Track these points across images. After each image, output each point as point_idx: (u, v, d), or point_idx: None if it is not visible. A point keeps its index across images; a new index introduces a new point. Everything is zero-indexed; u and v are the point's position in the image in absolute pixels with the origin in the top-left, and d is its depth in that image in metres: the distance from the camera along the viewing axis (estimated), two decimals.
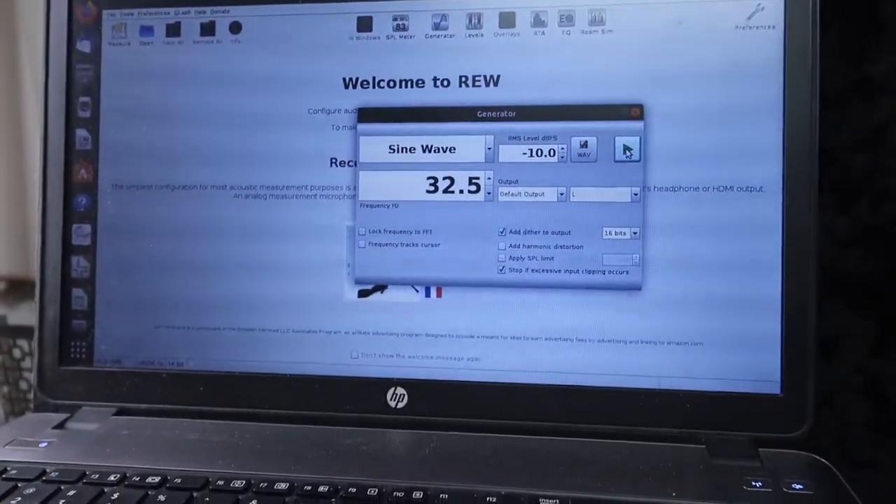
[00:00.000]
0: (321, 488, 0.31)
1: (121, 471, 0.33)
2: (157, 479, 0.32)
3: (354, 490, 0.31)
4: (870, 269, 0.48)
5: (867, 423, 0.49)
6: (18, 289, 0.79)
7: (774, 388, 0.35)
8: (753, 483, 0.31)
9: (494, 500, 0.30)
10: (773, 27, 0.36)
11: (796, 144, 0.35)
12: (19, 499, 0.31)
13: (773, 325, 0.35)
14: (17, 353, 0.69)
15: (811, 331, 0.35)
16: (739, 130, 0.36)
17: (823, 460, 0.34)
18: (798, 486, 0.31)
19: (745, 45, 0.36)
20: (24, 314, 0.78)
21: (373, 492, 0.31)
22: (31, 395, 0.69)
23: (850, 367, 0.49)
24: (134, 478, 0.32)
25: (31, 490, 0.31)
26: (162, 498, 0.31)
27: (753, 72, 0.36)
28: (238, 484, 0.31)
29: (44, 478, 0.32)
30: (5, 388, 0.70)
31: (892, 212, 0.47)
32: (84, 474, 0.33)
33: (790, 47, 0.35)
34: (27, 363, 0.69)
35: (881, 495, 0.32)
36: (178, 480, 0.32)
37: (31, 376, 0.71)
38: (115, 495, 0.31)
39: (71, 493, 0.31)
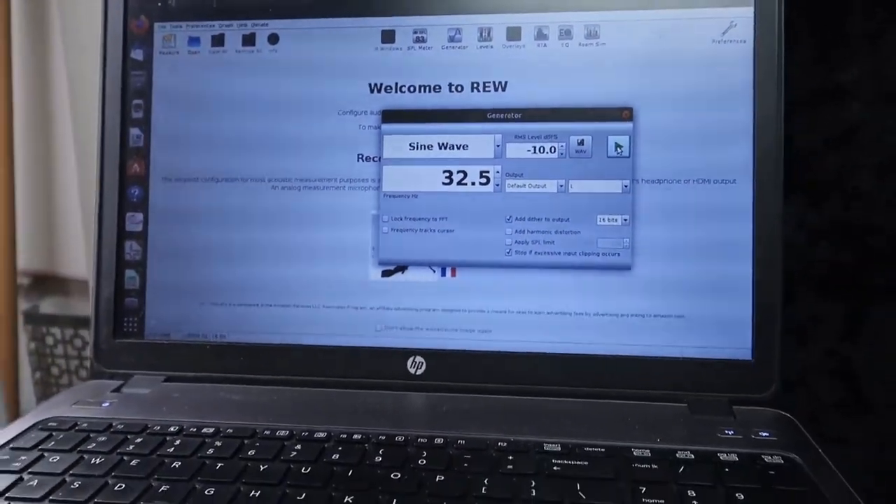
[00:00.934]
0: (355, 436, 0.36)
1: (178, 424, 0.37)
2: (211, 430, 0.37)
3: (384, 437, 0.35)
4: (840, 261, 0.52)
5: (838, 402, 0.53)
6: (43, 284, 0.83)
7: (746, 355, 0.39)
8: (726, 431, 0.36)
9: (505, 444, 0.35)
10: (745, 41, 0.40)
11: (765, 143, 0.40)
12: (94, 445, 0.35)
13: (745, 300, 0.40)
14: (49, 340, 0.73)
15: (778, 304, 0.39)
16: (715, 130, 0.40)
17: (788, 415, 0.38)
18: (764, 434, 0.35)
19: (721, 57, 0.40)
20: (48, 308, 0.82)
21: (400, 439, 0.35)
22: (62, 381, 0.74)
23: (823, 350, 0.52)
24: (191, 429, 0.37)
25: (103, 438, 0.36)
26: (218, 444, 0.35)
27: (728, 80, 0.40)
28: (282, 433, 0.36)
29: (111, 430, 0.37)
30: (38, 374, 0.74)
31: (860, 207, 0.51)
32: (146, 426, 0.37)
33: (759, 59, 0.40)
34: (59, 350, 0.73)
35: (854, 471, 0.35)
36: (230, 431, 0.36)
37: (63, 362, 0.75)
38: (177, 442, 0.35)
39: (138, 440, 0.36)
